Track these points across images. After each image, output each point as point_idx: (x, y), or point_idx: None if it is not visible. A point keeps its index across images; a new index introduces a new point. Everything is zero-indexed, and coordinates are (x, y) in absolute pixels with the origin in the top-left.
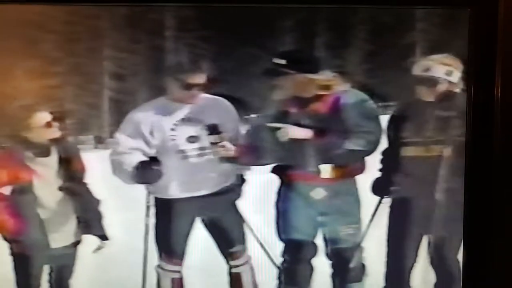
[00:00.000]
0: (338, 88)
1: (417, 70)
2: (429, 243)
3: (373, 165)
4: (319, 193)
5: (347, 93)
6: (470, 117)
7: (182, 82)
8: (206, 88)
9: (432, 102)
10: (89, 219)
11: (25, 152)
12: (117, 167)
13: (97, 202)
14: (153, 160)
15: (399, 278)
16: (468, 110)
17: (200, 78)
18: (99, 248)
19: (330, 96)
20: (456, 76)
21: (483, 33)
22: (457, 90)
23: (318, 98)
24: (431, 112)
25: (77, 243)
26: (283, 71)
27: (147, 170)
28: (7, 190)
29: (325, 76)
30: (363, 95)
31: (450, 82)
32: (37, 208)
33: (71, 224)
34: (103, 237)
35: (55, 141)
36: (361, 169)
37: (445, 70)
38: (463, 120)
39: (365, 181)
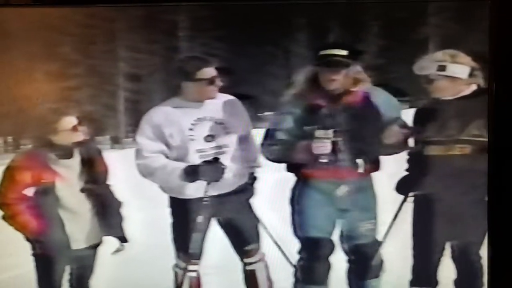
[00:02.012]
0: (365, 84)
1: (429, 69)
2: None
3: (387, 164)
4: (342, 190)
5: (373, 89)
6: (492, 114)
7: (199, 80)
8: (219, 81)
9: (450, 100)
10: (110, 221)
11: (48, 154)
12: (151, 171)
13: (118, 204)
14: (215, 159)
15: (426, 271)
16: (489, 107)
17: (210, 72)
18: (118, 251)
19: (359, 91)
20: (466, 72)
21: (504, 26)
22: (475, 87)
23: (348, 92)
24: (450, 110)
25: (97, 244)
26: (344, 61)
27: (212, 168)
28: (30, 191)
29: (357, 70)
30: (386, 92)
31: (461, 78)
32: (59, 209)
33: (92, 226)
34: (123, 239)
35: (78, 143)
36: (377, 167)
37: (464, 69)
38: (483, 118)
39: (381, 177)
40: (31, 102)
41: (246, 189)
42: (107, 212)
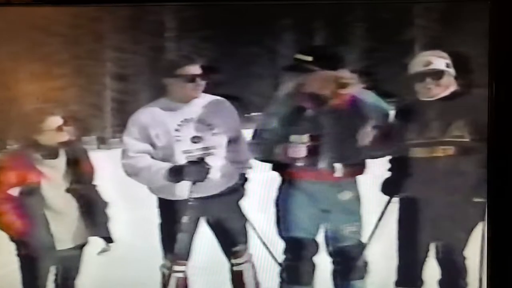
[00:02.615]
0: (355, 87)
1: (416, 67)
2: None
3: (372, 166)
4: (346, 195)
5: (363, 92)
6: (492, 113)
7: (179, 77)
8: (200, 79)
9: (431, 101)
10: (96, 221)
11: (34, 154)
12: (136, 171)
13: (104, 204)
14: (200, 159)
15: (411, 272)
16: (489, 106)
17: (194, 69)
18: (104, 251)
19: (347, 95)
20: (443, 64)
21: (505, 26)
22: (458, 88)
23: (336, 95)
24: (430, 112)
25: (83, 244)
26: (308, 67)
27: (196, 168)
28: (15, 192)
29: (345, 74)
30: (375, 95)
31: (451, 74)
32: (44, 209)
33: (78, 226)
34: (109, 240)
35: (64, 144)
36: (362, 169)
37: (445, 63)
38: (463, 119)
39: (366, 180)
40: (17, 102)
41: (236, 190)
42: (92, 212)
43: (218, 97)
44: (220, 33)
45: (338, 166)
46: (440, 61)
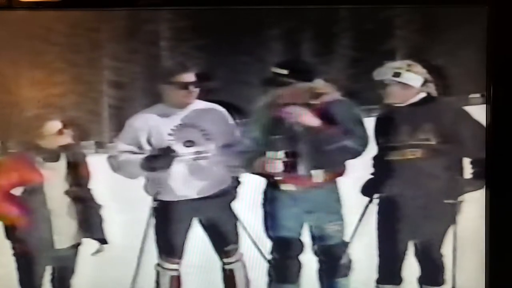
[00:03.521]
0: (329, 96)
1: (385, 74)
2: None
3: (353, 169)
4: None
5: (336, 101)
6: (490, 119)
7: (173, 84)
8: (193, 86)
9: (401, 107)
10: (91, 223)
11: (36, 157)
12: (118, 165)
13: (98, 207)
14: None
15: (391, 270)
16: (487, 111)
17: (189, 77)
18: (98, 252)
19: (321, 104)
20: (419, 82)
21: (502, 30)
22: (426, 94)
23: (309, 106)
24: (401, 117)
25: (77, 244)
26: (284, 81)
27: (161, 157)
28: (18, 191)
29: (318, 84)
30: (349, 102)
31: (412, 87)
32: (45, 208)
33: (73, 227)
34: (103, 241)
35: (64, 147)
36: (343, 172)
37: (418, 79)
38: (429, 123)
39: (347, 182)
40: (18, 108)
41: (229, 192)
42: (88, 214)
43: (212, 103)
44: (212, 43)
45: (317, 172)
46: (409, 75)
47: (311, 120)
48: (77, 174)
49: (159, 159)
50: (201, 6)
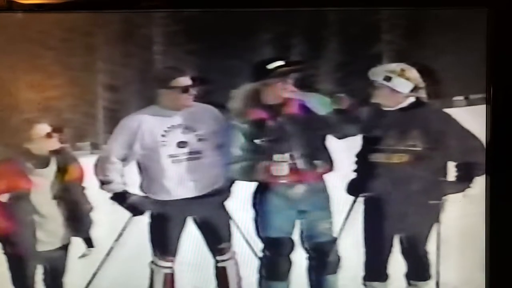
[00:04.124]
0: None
1: (378, 76)
2: (400, 237)
3: (342, 166)
4: (299, 189)
5: (304, 94)
6: (490, 121)
7: (173, 88)
8: (193, 90)
9: (391, 111)
10: (79, 227)
11: (25, 163)
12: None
13: (89, 208)
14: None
15: (377, 267)
16: (487, 112)
17: (185, 80)
18: (84, 255)
19: (294, 100)
20: (408, 88)
21: (502, 33)
22: (415, 99)
23: (285, 102)
24: (389, 121)
25: (67, 245)
26: (290, 70)
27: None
28: (4, 197)
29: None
30: (319, 95)
31: (401, 92)
32: (31, 213)
33: (61, 229)
34: (90, 244)
35: (55, 152)
36: (331, 167)
37: (408, 85)
38: (418, 129)
39: (335, 179)
40: (11, 112)
41: (222, 191)
42: (77, 218)
43: (205, 105)
44: (203, 47)
45: (318, 162)
46: (399, 81)
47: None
48: (67, 179)
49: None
50: (194, 8)
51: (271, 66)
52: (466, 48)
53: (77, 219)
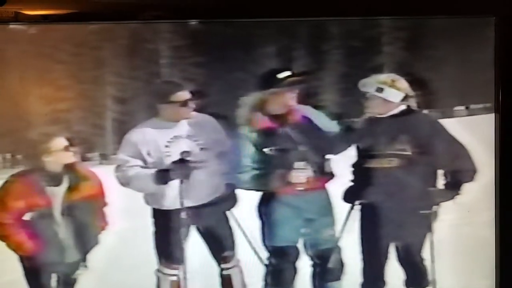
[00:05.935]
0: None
1: (369, 87)
2: (396, 245)
3: (341, 174)
4: (309, 196)
5: (301, 106)
6: (499, 130)
7: (173, 103)
8: (192, 103)
9: (382, 118)
10: (82, 245)
11: (40, 180)
12: (127, 180)
13: (102, 227)
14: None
15: (375, 274)
16: (495, 121)
17: (183, 95)
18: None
19: (294, 110)
20: (399, 98)
21: (510, 41)
22: (406, 107)
23: (289, 111)
24: (380, 127)
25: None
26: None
27: (181, 166)
28: (27, 216)
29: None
30: (323, 114)
31: (392, 102)
32: (55, 229)
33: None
34: (84, 264)
35: (68, 167)
36: (331, 177)
37: (395, 93)
38: (406, 134)
39: (336, 188)
40: (27, 122)
41: (225, 199)
42: (81, 236)
43: (206, 115)
44: (209, 60)
45: (328, 170)
46: (391, 92)
47: None
48: (77, 196)
49: (176, 169)
50: (197, 19)
51: (282, 75)
52: (471, 58)
53: (82, 239)
